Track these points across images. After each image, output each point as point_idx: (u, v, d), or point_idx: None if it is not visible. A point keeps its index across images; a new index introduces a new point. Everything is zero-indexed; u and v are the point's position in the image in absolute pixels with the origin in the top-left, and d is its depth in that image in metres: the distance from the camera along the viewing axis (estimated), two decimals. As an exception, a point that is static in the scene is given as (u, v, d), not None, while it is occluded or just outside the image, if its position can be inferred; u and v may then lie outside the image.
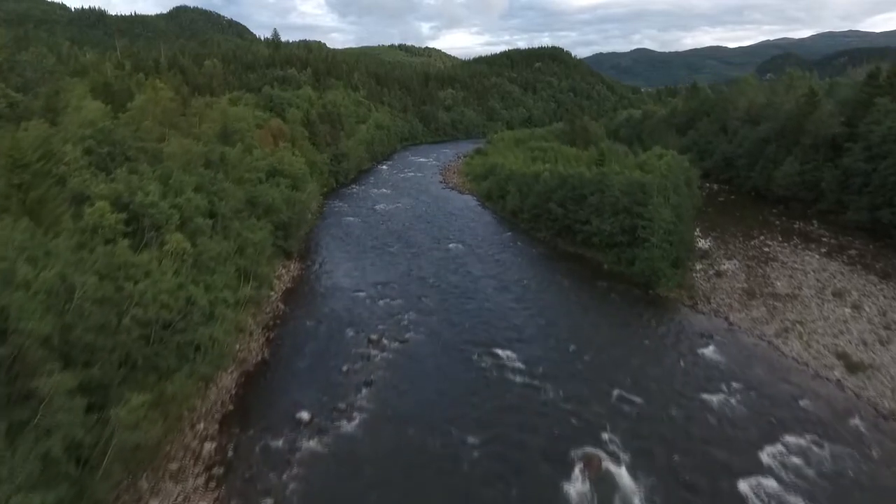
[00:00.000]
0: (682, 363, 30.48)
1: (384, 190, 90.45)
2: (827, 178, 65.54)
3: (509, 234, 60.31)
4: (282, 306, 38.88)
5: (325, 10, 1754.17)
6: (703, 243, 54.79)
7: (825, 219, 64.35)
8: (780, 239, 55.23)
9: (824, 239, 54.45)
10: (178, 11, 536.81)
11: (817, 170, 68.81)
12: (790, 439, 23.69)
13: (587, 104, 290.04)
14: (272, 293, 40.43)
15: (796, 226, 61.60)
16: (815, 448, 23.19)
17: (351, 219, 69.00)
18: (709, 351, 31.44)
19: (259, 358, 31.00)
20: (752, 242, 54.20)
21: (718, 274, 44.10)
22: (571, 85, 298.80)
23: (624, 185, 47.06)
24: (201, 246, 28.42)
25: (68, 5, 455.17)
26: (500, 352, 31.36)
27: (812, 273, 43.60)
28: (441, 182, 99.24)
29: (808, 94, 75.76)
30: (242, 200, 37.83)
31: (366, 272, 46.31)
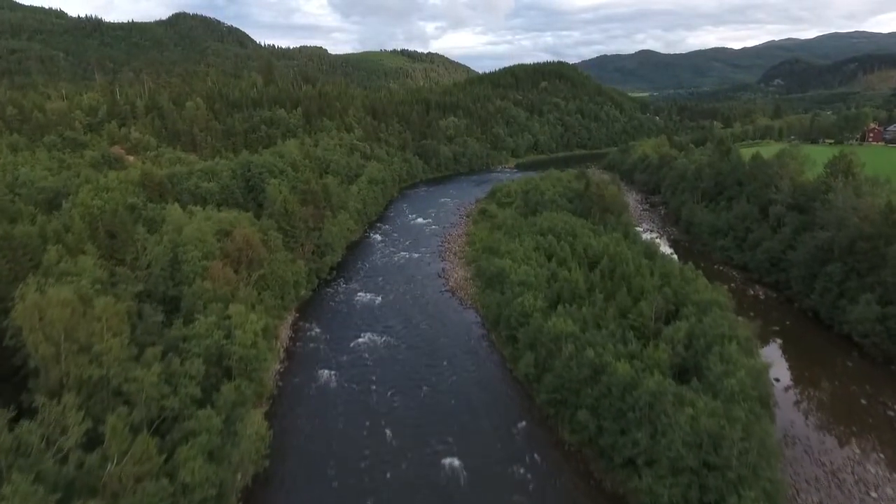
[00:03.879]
0: None
1: (371, 295, 77.40)
2: (922, 336, 52.47)
3: (524, 424, 47.22)
4: None
5: (328, 11, 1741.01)
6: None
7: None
8: (881, 454, 42.02)
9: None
10: (178, 18, 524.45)
11: (905, 316, 55.54)
12: None
13: (595, 126, 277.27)
14: None
15: (890, 412, 48.31)
16: None
17: (325, 373, 55.98)
18: None
19: None
20: (847, 473, 40.66)
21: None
22: (579, 106, 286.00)
23: (689, 434, 33.89)
24: None
25: (66, 11, 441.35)
26: None
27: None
28: (440, 276, 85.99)
29: (885, 210, 61.77)
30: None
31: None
